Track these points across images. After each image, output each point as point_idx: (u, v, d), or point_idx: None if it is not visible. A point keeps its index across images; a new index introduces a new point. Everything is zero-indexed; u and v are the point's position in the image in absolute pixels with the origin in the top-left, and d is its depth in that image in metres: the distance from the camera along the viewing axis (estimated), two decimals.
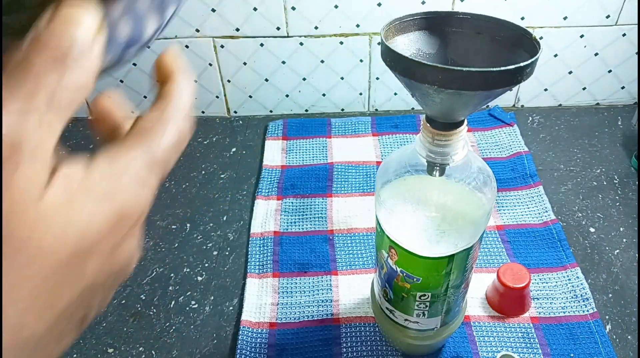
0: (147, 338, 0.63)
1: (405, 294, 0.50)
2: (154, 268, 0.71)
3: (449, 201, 0.46)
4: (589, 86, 0.90)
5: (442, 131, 0.41)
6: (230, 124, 0.96)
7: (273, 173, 0.83)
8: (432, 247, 0.45)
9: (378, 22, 0.84)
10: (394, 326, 0.55)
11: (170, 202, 0.81)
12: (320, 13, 0.84)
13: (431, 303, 0.50)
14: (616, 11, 0.82)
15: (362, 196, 0.78)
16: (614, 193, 0.77)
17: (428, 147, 0.42)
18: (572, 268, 0.66)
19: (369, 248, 0.71)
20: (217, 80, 0.93)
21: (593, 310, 0.61)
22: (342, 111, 0.96)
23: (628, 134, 0.86)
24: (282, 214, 0.76)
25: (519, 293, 0.59)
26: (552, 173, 0.81)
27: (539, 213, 0.73)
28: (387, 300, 0.53)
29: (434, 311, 0.51)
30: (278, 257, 0.70)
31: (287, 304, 0.64)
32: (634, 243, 0.70)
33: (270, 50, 0.88)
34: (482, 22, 0.41)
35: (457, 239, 0.45)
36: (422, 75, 0.35)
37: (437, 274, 0.47)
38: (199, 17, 0.85)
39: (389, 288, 0.51)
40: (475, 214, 0.45)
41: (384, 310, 0.55)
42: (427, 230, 0.46)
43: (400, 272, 0.48)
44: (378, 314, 0.57)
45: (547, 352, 0.58)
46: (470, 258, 0.47)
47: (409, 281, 0.48)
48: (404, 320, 0.53)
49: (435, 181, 0.45)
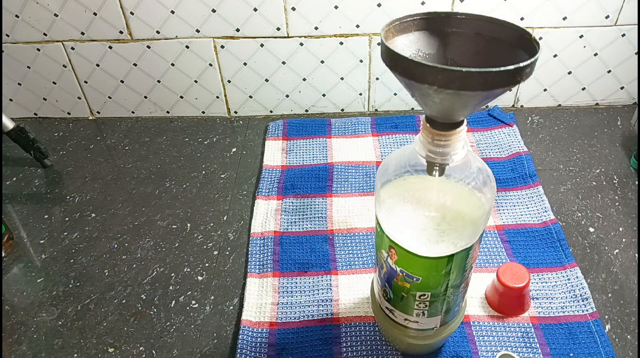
0: (147, 338, 0.63)
1: (405, 294, 0.50)
2: (155, 268, 0.71)
3: (449, 201, 0.47)
4: (589, 86, 0.91)
5: (442, 131, 0.41)
6: (230, 125, 0.96)
7: (273, 173, 0.83)
8: (432, 247, 0.46)
9: (378, 22, 0.84)
10: (393, 326, 0.55)
11: (171, 202, 0.81)
12: (320, 14, 0.84)
13: (431, 302, 0.50)
14: (615, 11, 0.82)
15: (362, 196, 0.78)
16: (614, 193, 0.77)
17: (428, 147, 0.42)
18: (572, 268, 0.66)
19: (369, 248, 0.71)
20: (218, 80, 0.93)
21: (592, 309, 0.62)
22: (342, 111, 0.97)
23: (627, 134, 0.87)
24: (283, 214, 0.76)
25: (518, 293, 0.60)
26: (552, 173, 0.81)
27: (539, 213, 0.73)
28: (387, 299, 0.53)
29: (434, 311, 0.51)
30: (278, 257, 0.70)
31: (287, 304, 0.65)
32: (633, 242, 0.70)
33: (270, 50, 0.88)
34: (482, 23, 0.41)
35: (457, 239, 0.45)
36: (421, 75, 0.35)
37: (437, 274, 0.47)
38: (200, 18, 0.85)
39: (388, 287, 0.52)
40: (475, 214, 0.46)
41: (383, 310, 0.55)
42: (426, 229, 0.46)
43: (400, 272, 0.48)
44: (378, 314, 0.57)
45: (546, 351, 0.58)
46: (469, 258, 0.48)
47: (409, 281, 0.48)
48: (403, 319, 0.53)
49: (434, 181, 0.45)
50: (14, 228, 0.79)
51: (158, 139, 0.94)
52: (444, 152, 0.42)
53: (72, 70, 0.93)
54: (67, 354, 0.62)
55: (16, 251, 0.75)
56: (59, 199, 0.83)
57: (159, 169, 0.87)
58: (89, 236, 0.76)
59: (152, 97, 0.96)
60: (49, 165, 0.90)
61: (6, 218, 0.81)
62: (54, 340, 0.63)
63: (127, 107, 0.98)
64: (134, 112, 0.99)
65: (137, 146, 0.93)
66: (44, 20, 0.87)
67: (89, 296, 0.68)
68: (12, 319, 0.66)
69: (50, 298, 0.68)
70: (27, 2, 0.85)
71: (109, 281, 0.70)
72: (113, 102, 0.97)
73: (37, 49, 0.91)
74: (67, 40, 0.90)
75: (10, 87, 0.97)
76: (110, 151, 0.92)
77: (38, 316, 0.66)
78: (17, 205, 0.83)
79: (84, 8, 0.85)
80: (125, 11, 0.85)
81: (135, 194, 0.83)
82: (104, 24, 0.87)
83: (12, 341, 0.64)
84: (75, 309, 0.67)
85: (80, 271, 0.71)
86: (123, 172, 0.87)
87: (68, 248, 0.75)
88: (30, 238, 0.77)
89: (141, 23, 0.86)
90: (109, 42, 0.89)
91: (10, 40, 0.90)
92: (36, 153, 0.88)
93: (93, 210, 0.81)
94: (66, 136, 0.97)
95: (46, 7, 0.86)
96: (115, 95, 0.96)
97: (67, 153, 0.93)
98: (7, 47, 0.91)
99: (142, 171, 0.87)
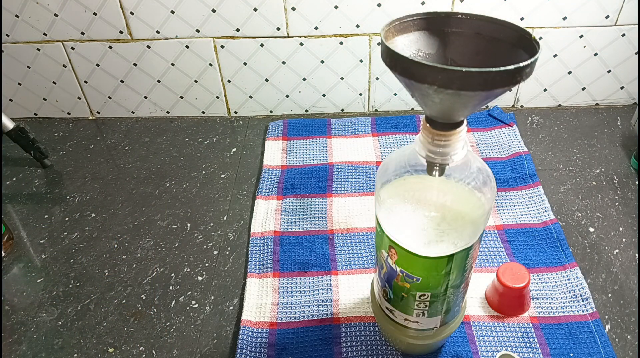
0: (147, 338, 0.63)
1: (405, 294, 0.50)
2: (155, 268, 0.71)
3: (449, 201, 0.47)
4: (589, 86, 0.91)
5: (442, 131, 0.41)
6: (230, 125, 0.96)
7: (273, 173, 0.83)
8: (432, 247, 0.46)
9: (378, 22, 0.84)
10: (393, 326, 0.55)
11: (171, 202, 0.81)
12: (320, 14, 0.84)
13: (431, 302, 0.50)
14: (615, 11, 0.82)
15: (362, 196, 0.78)
16: (613, 193, 0.77)
17: (428, 147, 0.42)
18: (572, 268, 0.66)
19: (369, 248, 0.71)
20: (218, 80, 0.93)
21: (592, 309, 0.62)
22: (342, 111, 0.97)
23: (627, 134, 0.87)
24: (283, 214, 0.76)
25: (518, 293, 0.60)
26: (552, 173, 0.81)
27: (539, 213, 0.73)
28: (387, 299, 0.53)
29: (434, 311, 0.51)
30: (278, 257, 0.70)
31: (287, 304, 0.65)
32: (633, 242, 0.70)
33: (270, 50, 0.88)
34: (482, 23, 0.41)
35: (457, 239, 0.45)
36: (421, 75, 0.35)
37: (437, 274, 0.47)
38: (200, 18, 0.85)
39: (388, 287, 0.52)
40: (475, 214, 0.46)
41: (383, 310, 0.55)
42: (426, 229, 0.46)
43: (400, 272, 0.48)
44: (378, 314, 0.57)
45: (546, 351, 0.58)
46: (469, 258, 0.48)
47: (409, 281, 0.48)
48: (403, 319, 0.53)
49: (434, 181, 0.45)
50: (14, 228, 0.79)
51: (158, 139, 0.94)
52: (444, 152, 0.42)
53: (72, 70, 0.93)
54: (67, 354, 0.62)
55: (16, 251, 0.75)
56: (59, 199, 0.83)
57: (159, 169, 0.87)
58: (89, 236, 0.76)
59: (152, 97, 0.96)
60: (49, 165, 0.90)
61: (6, 218, 0.81)
62: (54, 340, 0.63)
63: (127, 107, 0.98)
64: (134, 112, 0.99)
65: (137, 146, 0.93)
66: (44, 20, 0.87)
67: (89, 296, 0.68)
68: (12, 319, 0.66)
69: (50, 298, 0.68)
70: (27, 2, 0.85)
71: (109, 281, 0.70)
72: (113, 102, 0.98)
73: (37, 49, 0.91)
74: (67, 40, 0.90)
75: (10, 87, 0.97)
76: (110, 151, 0.92)
77: (38, 316, 0.66)
78: (17, 205, 0.83)
79: (84, 8, 0.85)
80: (125, 11, 0.85)
81: (135, 194, 0.83)
82: (104, 24, 0.87)
83: (12, 341, 0.64)
84: (75, 309, 0.67)
85: (80, 271, 0.71)
86: (123, 172, 0.87)
87: (68, 248, 0.75)
88: (30, 238, 0.77)
89: (141, 23, 0.86)
90: (109, 42, 0.89)
91: (10, 40, 0.90)
92: (36, 153, 0.88)
93: (93, 210, 0.81)
94: (66, 136, 0.97)
95: (46, 7, 0.86)
96: (115, 95, 0.97)
97: (67, 153, 0.93)
98: (7, 47, 0.91)
99: (142, 171, 0.87)
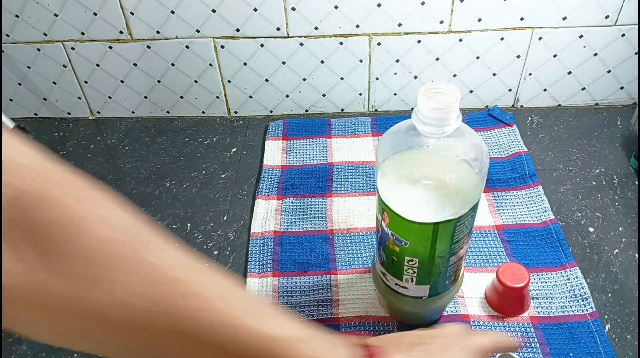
0: None
1: (395, 258, 0.53)
2: None
3: (439, 169, 0.49)
4: (588, 86, 0.91)
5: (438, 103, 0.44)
6: (230, 125, 0.96)
7: (273, 172, 0.83)
8: (419, 212, 0.48)
9: (378, 22, 0.84)
10: (386, 290, 0.58)
11: (171, 202, 0.81)
12: (320, 14, 0.84)
13: (419, 269, 0.52)
14: (615, 11, 0.82)
15: (361, 196, 0.78)
16: (613, 193, 0.77)
17: (422, 119, 0.45)
18: (572, 268, 0.66)
19: (369, 248, 0.71)
20: (218, 80, 0.93)
21: (592, 309, 0.62)
22: (342, 111, 0.97)
23: (627, 134, 0.87)
24: (283, 214, 0.76)
25: (518, 293, 0.60)
26: (552, 173, 0.81)
27: (538, 212, 0.73)
28: (381, 263, 0.56)
29: (422, 279, 0.54)
30: (278, 257, 0.70)
31: (287, 303, 0.65)
32: (633, 242, 0.70)
33: (270, 50, 0.88)
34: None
35: (443, 206, 0.48)
36: None
37: (423, 240, 0.49)
38: (200, 18, 0.85)
39: (382, 250, 0.54)
40: (463, 184, 0.48)
41: (379, 274, 0.59)
42: (414, 194, 0.48)
43: (391, 235, 0.51)
44: (375, 280, 0.61)
45: (546, 351, 0.58)
46: (458, 231, 0.49)
47: (398, 245, 0.51)
48: (394, 283, 0.56)
49: (428, 150, 0.48)
50: None
51: (158, 139, 0.94)
52: (438, 123, 0.45)
53: (72, 70, 0.93)
54: (67, 354, 0.62)
55: None
56: None
57: (159, 169, 0.87)
58: None
59: (152, 97, 0.96)
60: None
61: None
62: None
63: (127, 107, 0.98)
64: (134, 112, 0.99)
65: (137, 146, 0.93)
66: (44, 20, 0.87)
67: None
68: None
69: None
70: (27, 2, 0.85)
71: None
72: (113, 102, 0.98)
73: (37, 49, 0.91)
74: (67, 40, 0.90)
75: (10, 87, 0.97)
76: (110, 151, 0.92)
77: None
78: None
79: (84, 8, 0.85)
80: (125, 11, 0.85)
81: (135, 194, 0.83)
82: (104, 24, 0.87)
83: (12, 341, 0.64)
84: None
85: None
86: (123, 172, 0.87)
87: None
88: None
89: (141, 23, 0.86)
90: (109, 42, 0.89)
91: (10, 40, 0.90)
92: None
93: None
94: (66, 136, 0.97)
95: (46, 7, 0.86)
96: (115, 95, 0.97)
97: (67, 153, 0.93)
98: (7, 47, 0.91)
99: (142, 171, 0.87)
